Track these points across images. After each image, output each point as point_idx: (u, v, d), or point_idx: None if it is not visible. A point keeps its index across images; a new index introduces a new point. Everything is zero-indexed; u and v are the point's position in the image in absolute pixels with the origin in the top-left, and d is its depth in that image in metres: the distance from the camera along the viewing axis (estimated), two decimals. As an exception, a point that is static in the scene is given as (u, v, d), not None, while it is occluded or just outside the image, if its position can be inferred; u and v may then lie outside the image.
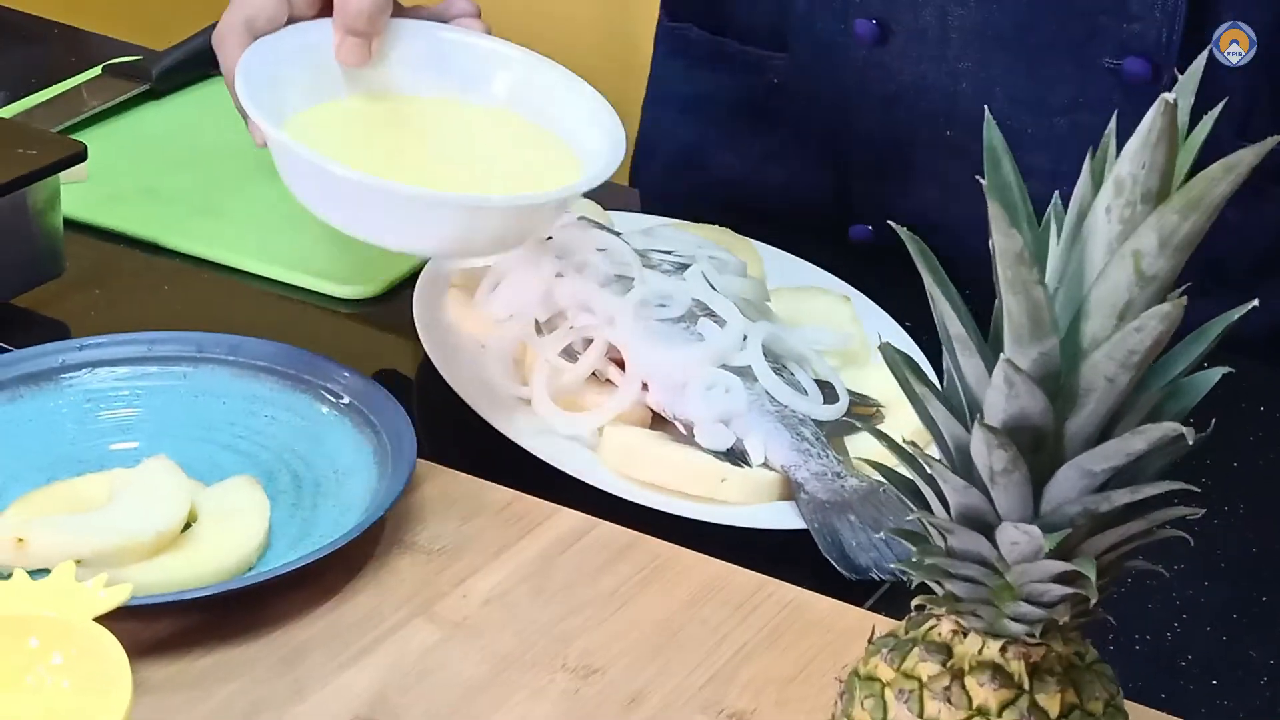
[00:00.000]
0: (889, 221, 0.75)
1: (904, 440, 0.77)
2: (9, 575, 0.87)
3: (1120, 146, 0.70)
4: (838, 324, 1.16)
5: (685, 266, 1.12)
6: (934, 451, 0.78)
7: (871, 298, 1.20)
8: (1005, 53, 1.23)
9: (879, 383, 1.10)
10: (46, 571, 0.87)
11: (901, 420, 1.05)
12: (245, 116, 1.11)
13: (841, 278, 1.22)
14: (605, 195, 1.20)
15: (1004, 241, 0.69)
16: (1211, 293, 0.74)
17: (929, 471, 0.75)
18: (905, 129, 1.28)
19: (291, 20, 1.13)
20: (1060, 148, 1.22)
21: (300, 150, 1.05)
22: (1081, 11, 1.21)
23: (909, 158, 1.29)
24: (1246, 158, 0.66)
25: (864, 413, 1.08)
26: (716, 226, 1.24)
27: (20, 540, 0.90)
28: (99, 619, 0.81)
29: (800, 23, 1.30)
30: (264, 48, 1.11)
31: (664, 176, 1.41)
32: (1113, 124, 0.73)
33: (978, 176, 0.72)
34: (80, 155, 1.16)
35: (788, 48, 1.32)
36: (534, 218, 1.09)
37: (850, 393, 1.08)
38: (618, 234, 1.14)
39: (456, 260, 1.14)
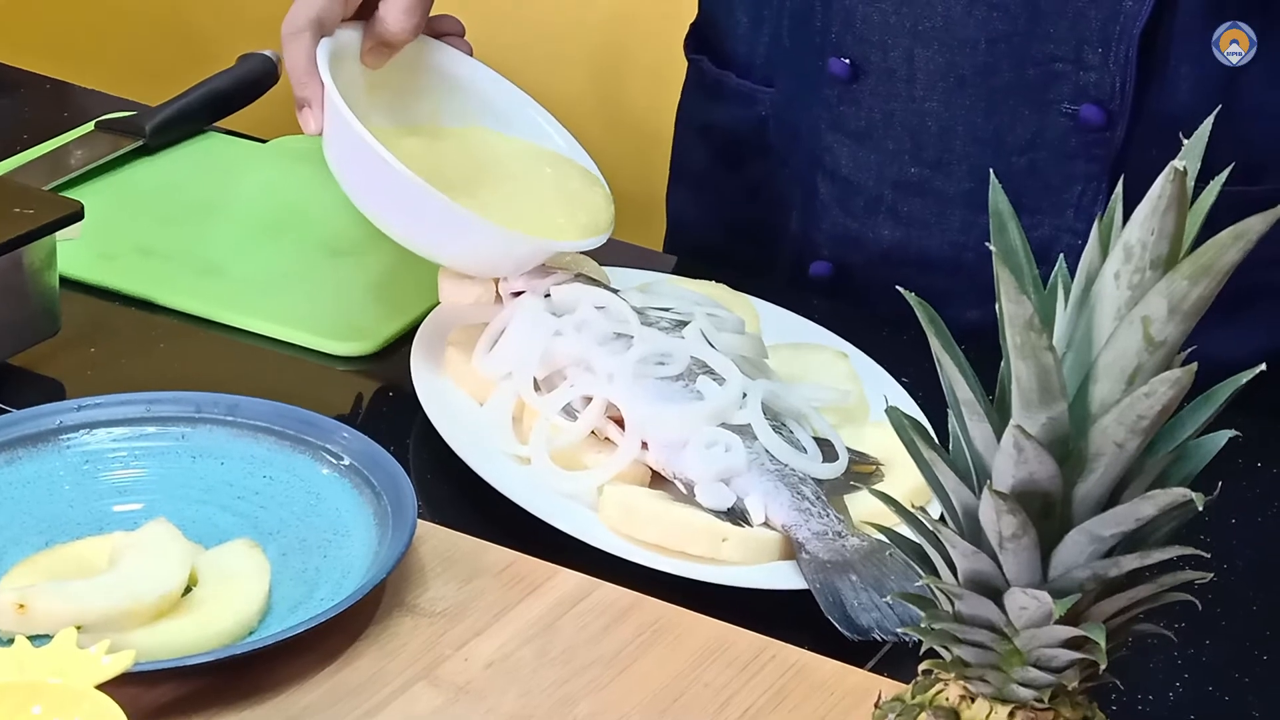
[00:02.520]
0: (898, 287, 0.75)
1: (910, 504, 0.77)
2: (10, 641, 0.86)
3: (1077, 192, 0.70)
4: (835, 380, 1.16)
5: (684, 323, 1.12)
6: (935, 511, 0.78)
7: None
8: (968, 94, 1.27)
9: (877, 440, 1.10)
10: (47, 637, 0.86)
11: (901, 478, 1.06)
12: (301, 107, 1.17)
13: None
14: (617, 255, 1.24)
15: (1013, 308, 0.69)
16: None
17: (936, 536, 0.75)
18: (872, 164, 1.32)
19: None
20: (1019, 184, 1.26)
21: (378, 148, 1.11)
22: (1040, 59, 1.25)
23: (874, 193, 1.33)
24: (1255, 225, 0.67)
25: (863, 471, 1.08)
26: (712, 282, 1.24)
27: (21, 606, 0.89)
28: (101, 686, 0.81)
29: (784, 58, 1.35)
30: (333, 47, 1.18)
31: (689, 199, 1.48)
32: (1119, 189, 0.73)
33: (987, 243, 0.72)
34: (77, 214, 1.15)
35: (774, 83, 1.37)
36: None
37: (849, 451, 1.08)
38: (615, 291, 1.14)
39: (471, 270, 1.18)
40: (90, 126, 1.43)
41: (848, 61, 1.29)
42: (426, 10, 1.22)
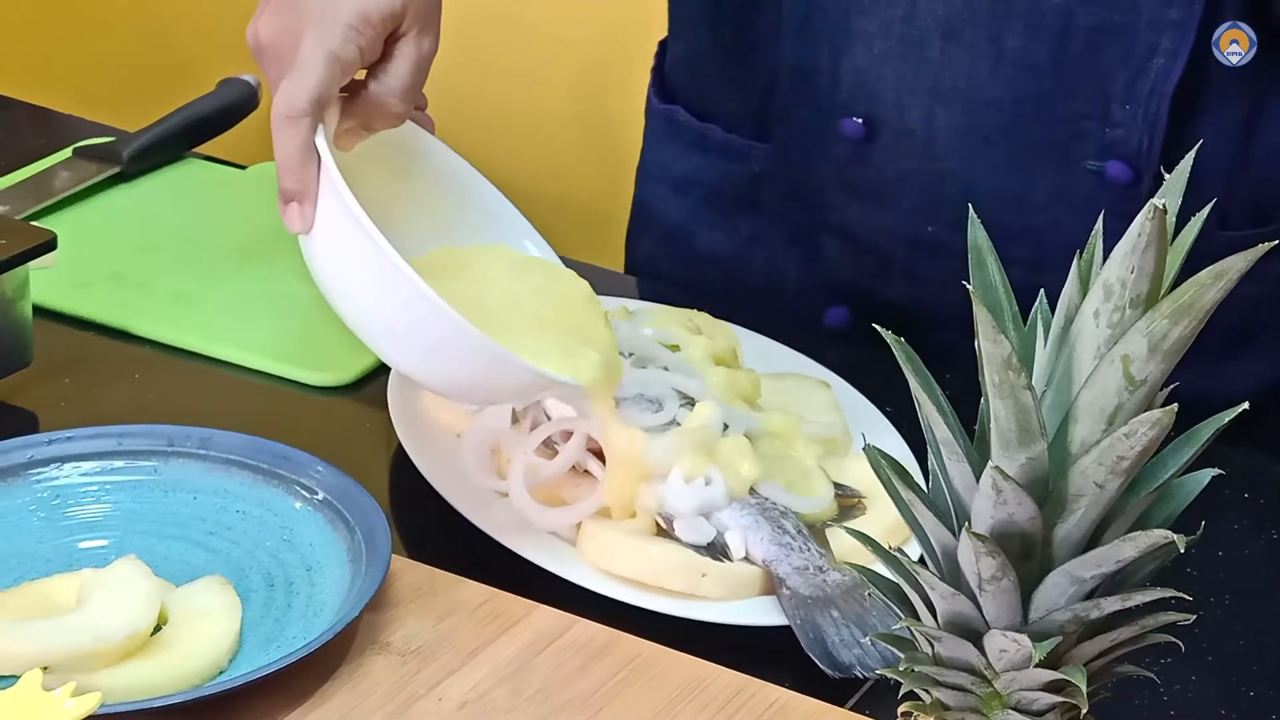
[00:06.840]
0: (874, 325, 0.73)
1: (888, 544, 0.76)
2: (-26, 684, 0.85)
3: (1103, 248, 0.69)
4: (818, 411, 1.15)
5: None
6: (915, 550, 0.76)
7: (849, 382, 1.18)
8: (990, 153, 1.23)
9: (860, 472, 1.08)
10: (13, 678, 0.85)
11: (883, 512, 1.04)
12: (289, 200, 1.00)
13: (819, 361, 1.20)
14: (598, 279, 1.20)
15: (991, 347, 0.68)
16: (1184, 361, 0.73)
17: (915, 577, 0.74)
18: (886, 224, 1.28)
19: None
20: (1040, 240, 1.22)
21: (407, 271, 0.97)
22: (1066, 116, 1.21)
23: (887, 252, 1.29)
24: (1236, 264, 0.66)
25: (845, 504, 1.06)
26: (694, 311, 1.22)
27: (-16, 648, 0.88)
28: (66, 729, 0.79)
29: (783, 115, 1.30)
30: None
31: (656, 251, 1.41)
32: (1099, 225, 0.72)
33: (965, 282, 0.70)
34: (50, 244, 1.14)
35: (769, 139, 1.32)
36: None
37: (832, 483, 1.07)
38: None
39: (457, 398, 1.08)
40: (68, 153, 1.42)
41: (860, 121, 1.25)
42: (421, 90, 1.07)
